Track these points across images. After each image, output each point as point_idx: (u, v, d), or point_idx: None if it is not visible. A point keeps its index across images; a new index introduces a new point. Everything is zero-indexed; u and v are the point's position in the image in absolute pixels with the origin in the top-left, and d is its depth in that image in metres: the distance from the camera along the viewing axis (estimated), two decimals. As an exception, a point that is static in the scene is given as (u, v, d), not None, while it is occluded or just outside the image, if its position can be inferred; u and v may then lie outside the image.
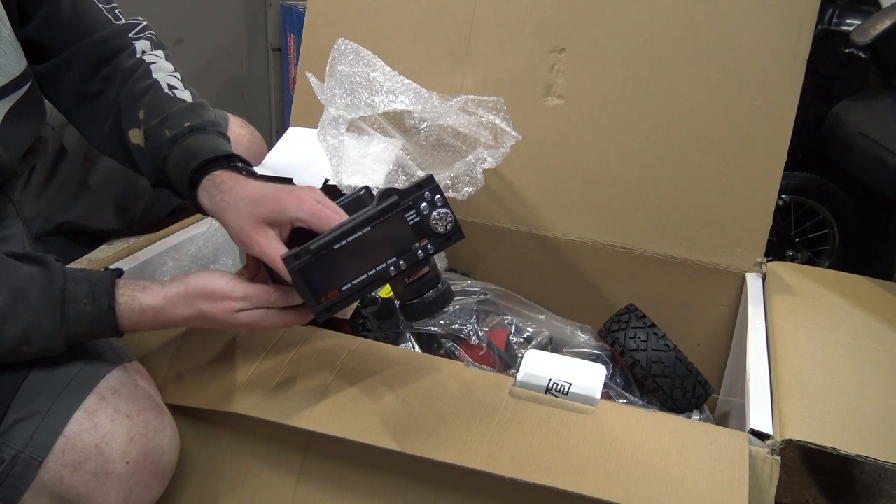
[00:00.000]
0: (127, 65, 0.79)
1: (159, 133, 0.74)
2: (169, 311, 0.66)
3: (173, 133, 0.74)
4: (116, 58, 0.79)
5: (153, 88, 0.78)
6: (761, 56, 1.01)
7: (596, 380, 0.75)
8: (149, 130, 0.75)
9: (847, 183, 1.61)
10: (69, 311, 0.64)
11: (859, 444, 0.66)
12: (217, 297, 0.65)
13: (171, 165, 0.73)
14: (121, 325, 0.66)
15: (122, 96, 0.78)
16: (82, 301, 0.64)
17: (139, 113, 0.76)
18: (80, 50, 0.78)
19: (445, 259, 1.12)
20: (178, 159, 0.72)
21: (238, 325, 0.67)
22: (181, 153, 0.72)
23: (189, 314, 0.66)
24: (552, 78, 1.10)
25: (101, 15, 0.80)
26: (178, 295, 0.66)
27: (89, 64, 0.79)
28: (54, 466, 0.63)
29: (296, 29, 2.18)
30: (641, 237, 1.09)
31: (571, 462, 0.64)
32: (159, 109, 0.76)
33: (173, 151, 0.73)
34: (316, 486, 0.74)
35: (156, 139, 0.75)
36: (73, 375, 0.66)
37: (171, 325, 0.69)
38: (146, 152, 0.76)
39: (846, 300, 0.96)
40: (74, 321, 0.64)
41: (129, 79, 0.78)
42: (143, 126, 0.75)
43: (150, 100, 0.77)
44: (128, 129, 0.76)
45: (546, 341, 0.96)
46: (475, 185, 0.91)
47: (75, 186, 0.97)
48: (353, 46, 0.95)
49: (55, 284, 0.64)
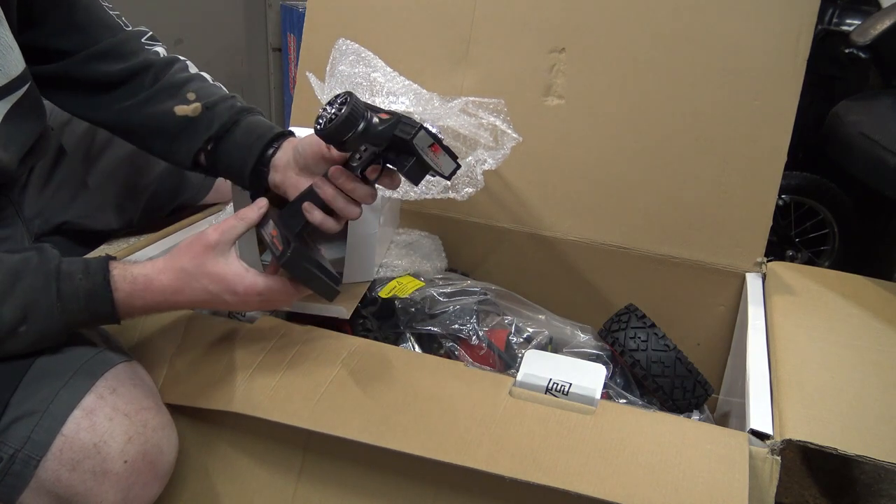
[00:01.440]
0: (158, 60, 0.84)
1: (222, 104, 0.82)
2: (156, 277, 0.69)
3: (246, 106, 0.84)
4: (140, 54, 0.83)
5: (198, 79, 0.86)
6: (761, 56, 1.01)
7: (596, 380, 0.75)
8: (207, 104, 0.82)
9: (847, 183, 1.61)
10: (64, 286, 0.65)
11: (859, 444, 0.66)
12: (236, 289, 0.69)
13: (240, 129, 0.81)
14: (116, 297, 0.67)
15: (163, 82, 0.83)
16: (77, 276, 0.66)
17: (188, 94, 0.82)
18: (100, 51, 0.81)
19: (446, 259, 1.12)
20: (255, 124, 0.82)
21: (243, 309, 0.73)
22: (258, 121, 0.82)
23: (176, 285, 0.69)
24: (552, 78, 1.10)
25: (113, 20, 0.84)
26: (162, 262, 0.69)
27: (112, 60, 0.82)
28: (52, 465, 0.63)
29: (296, 29, 2.19)
30: (641, 237, 1.09)
31: (571, 462, 0.64)
32: (213, 92, 0.84)
33: (245, 118, 0.82)
34: (316, 485, 0.74)
35: (217, 109, 0.82)
36: (71, 374, 0.66)
37: (162, 296, 0.69)
38: (199, 122, 0.82)
39: (846, 300, 0.96)
40: (70, 296, 0.65)
41: (167, 69, 0.84)
42: (197, 103, 0.82)
43: (201, 86, 0.84)
44: (172, 107, 0.82)
45: (546, 341, 0.96)
46: (475, 185, 0.91)
47: (75, 186, 0.97)
48: (354, 47, 0.95)
49: (50, 263, 0.66)
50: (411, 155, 0.69)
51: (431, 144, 0.69)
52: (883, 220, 1.65)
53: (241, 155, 0.81)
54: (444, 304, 0.94)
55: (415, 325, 0.92)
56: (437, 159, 0.70)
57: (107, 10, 0.84)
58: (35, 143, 0.83)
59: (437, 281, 1.00)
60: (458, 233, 1.17)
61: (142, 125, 0.83)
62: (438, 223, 1.16)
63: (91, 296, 0.66)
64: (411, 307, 0.93)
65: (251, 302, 0.71)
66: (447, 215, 1.17)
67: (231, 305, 0.71)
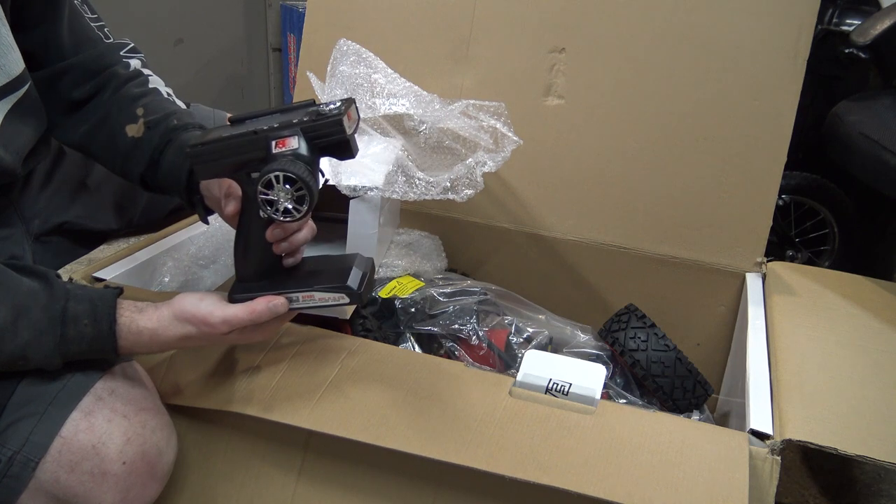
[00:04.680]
0: (123, 73, 0.85)
1: (163, 123, 0.81)
2: (163, 332, 0.67)
3: (182, 123, 0.81)
4: (110, 68, 0.84)
5: (152, 93, 0.85)
6: (761, 56, 1.01)
7: (596, 380, 0.75)
8: (149, 122, 0.81)
9: (847, 183, 1.61)
10: (69, 330, 0.64)
11: (859, 444, 0.66)
12: (199, 322, 0.67)
13: (172, 149, 0.80)
14: (119, 347, 0.66)
15: (117, 98, 0.83)
16: (83, 321, 0.64)
17: (137, 111, 0.81)
18: (75, 63, 0.83)
19: (446, 259, 1.12)
20: (185, 143, 0.79)
21: (228, 342, 0.70)
22: (188, 139, 0.79)
23: (181, 333, 0.67)
24: (552, 78, 1.10)
25: (94, 33, 0.85)
26: (168, 317, 0.67)
27: (83, 75, 0.84)
28: (51, 467, 0.63)
29: (296, 29, 2.19)
30: (641, 237, 1.09)
31: (571, 461, 0.64)
32: (161, 108, 0.84)
33: (179, 136, 0.80)
34: (316, 485, 0.74)
35: (157, 128, 0.81)
36: (69, 376, 0.66)
37: (165, 347, 0.70)
38: (143, 142, 0.81)
39: (846, 300, 0.96)
40: (74, 341, 0.64)
41: (125, 84, 0.84)
42: (143, 120, 0.81)
43: (151, 101, 0.83)
44: (123, 125, 0.81)
45: (546, 341, 0.96)
46: (475, 187, 0.91)
47: (74, 186, 0.96)
48: (355, 47, 0.95)
49: (57, 304, 0.64)
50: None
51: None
52: (883, 220, 1.65)
53: (174, 177, 0.80)
54: (444, 304, 0.94)
55: (415, 325, 0.92)
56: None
57: (89, 22, 0.85)
58: (38, 144, 0.84)
59: (437, 281, 1.00)
60: (459, 233, 1.17)
61: (102, 147, 0.84)
62: (438, 223, 1.16)
63: (94, 342, 0.65)
64: (411, 307, 0.93)
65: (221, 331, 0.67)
66: (447, 215, 1.17)
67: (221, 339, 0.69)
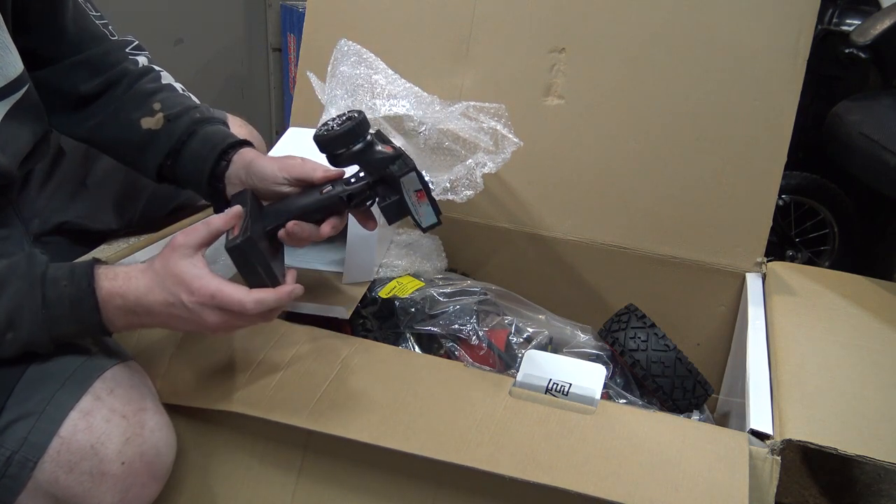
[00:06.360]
0: (134, 69, 0.86)
1: (185, 116, 0.83)
2: (134, 276, 0.66)
3: (205, 116, 0.84)
4: (120, 65, 0.85)
5: (167, 89, 0.86)
6: (761, 56, 1.01)
7: (596, 380, 0.75)
8: (170, 116, 0.83)
9: (847, 183, 1.61)
10: (49, 292, 0.64)
11: (859, 444, 0.66)
12: (191, 287, 0.65)
13: (196, 140, 0.81)
14: (99, 297, 0.65)
15: (131, 93, 0.84)
16: (62, 283, 0.64)
17: (154, 105, 0.83)
18: (83, 59, 0.83)
19: (446, 259, 1.12)
20: (211, 134, 0.82)
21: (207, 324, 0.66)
22: (213, 131, 0.82)
23: (148, 284, 0.66)
24: (552, 78, 1.10)
25: (99, 30, 0.85)
26: (148, 267, 0.67)
27: (92, 72, 0.84)
28: (49, 467, 0.63)
29: (296, 29, 2.18)
30: (641, 237, 1.09)
31: (571, 461, 0.64)
32: (180, 102, 0.84)
33: (203, 128, 0.82)
34: (316, 485, 0.74)
35: (179, 121, 0.82)
36: (68, 376, 0.66)
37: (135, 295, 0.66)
38: (162, 133, 0.82)
39: (846, 300, 0.96)
40: (55, 303, 0.64)
41: (138, 80, 0.85)
42: (162, 114, 0.83)
43: (168, 96, 0.85)
44: (138, 119, 0.83)
45: (546, 341, 0.96)
46: (474, 188, 0.91)
47: (74, 186, 0.96)
48: (356, 48, 0.95)
49: (36, 269, 0.65)
50: (396, 193, 0.71)
51: (418, 190, 0.71)
52: (883, 220, 1.65)
53: (197, 167, 0.81)
54: (444, 304, 0.94)
55: (415, 325, 0.92)
56: (419, 207, 0.71)
57: (94, 19, 0.85)
58: (37, 145, 0.83)
59: (437, 281, 1.00)
60: (459, 233, 1.17)
61: (113, 139, 0.85)
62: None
63: (75, 301, 0.64)
64: (411, 307, 0.93)
65: (206, 306, 0.65)
66: (447, 216, 1.15)
67: (190, 312, 0.66)
